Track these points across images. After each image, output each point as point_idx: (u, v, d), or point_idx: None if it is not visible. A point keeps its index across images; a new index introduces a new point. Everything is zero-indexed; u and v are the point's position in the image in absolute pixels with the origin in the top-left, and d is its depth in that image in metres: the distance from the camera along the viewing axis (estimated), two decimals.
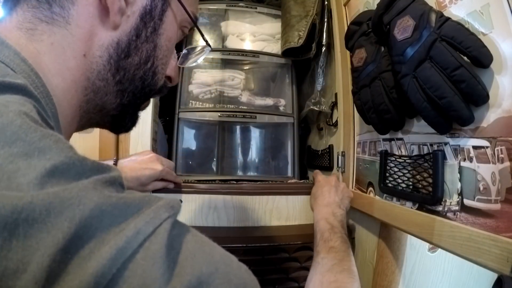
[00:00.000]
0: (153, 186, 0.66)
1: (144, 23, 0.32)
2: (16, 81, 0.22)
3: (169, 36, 0.36)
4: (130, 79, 0.33)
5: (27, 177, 0.17)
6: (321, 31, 0.88)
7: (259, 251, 0.66)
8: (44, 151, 0.19)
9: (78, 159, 0.20)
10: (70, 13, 0.29)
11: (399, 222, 0.53)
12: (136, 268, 0.18)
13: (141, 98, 0.36)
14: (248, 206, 0.71)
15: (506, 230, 0.35)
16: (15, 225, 0.16)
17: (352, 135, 0.72)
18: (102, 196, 0.19)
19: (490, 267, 0.36)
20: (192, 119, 0.95)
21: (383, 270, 0.62)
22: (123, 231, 0.18)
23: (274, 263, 0.71)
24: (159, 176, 0.64)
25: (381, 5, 0.50)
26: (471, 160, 0.41)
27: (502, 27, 0.37)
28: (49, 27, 0.28)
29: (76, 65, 0.29)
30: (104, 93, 0.32)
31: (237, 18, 1.02)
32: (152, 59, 0.34)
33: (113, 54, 0.31)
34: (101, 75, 0.31)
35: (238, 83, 0.98)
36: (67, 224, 0.17)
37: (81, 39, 0.29)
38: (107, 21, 0.30)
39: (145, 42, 0.33)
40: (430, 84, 0.41)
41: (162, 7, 0.34)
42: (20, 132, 0.19)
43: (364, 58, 0.58)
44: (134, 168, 0.62)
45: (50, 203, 0.17)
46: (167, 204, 0.22)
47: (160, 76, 0.37)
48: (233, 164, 1.02)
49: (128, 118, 0.37)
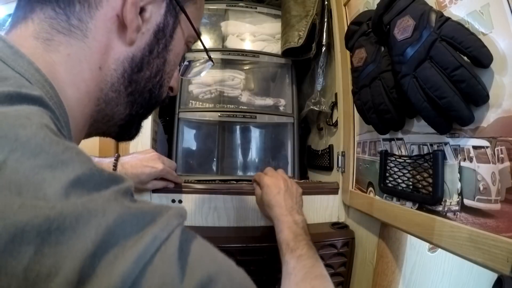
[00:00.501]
0: (153, 185, 0.66)
1: (157, 40, 0.34)
2: (33, 93, 0.23)
3: (177, 51, 0.38)
4: (140, 91, 0.35)
5: (53, 188, 0.19)
6: (321, 31, 0.88)
7: (259, 251, 0.66)
8: (67, 163, 0.20)
9: (97, 170, 0.22)
10: (88, 27, 0.30)
11: (399, 222, 0.53)
12: (155, 270, 0.20)
13: (147, 108, 0.38)
14: (248, 206, 0.70)
15: (506, 230, 0.35)
16: (48, 233, 0.17)
17: (352, 135, 0.72)
18: (123, 206, 0.21)
19: (490, 267, 0.36)
20: (192, 119, 0.95)
21: (383, 270, 0.62)
22: (142, 237, 0.20)
23: (274, 263, 0.71)
24: (159, 175, 0.64)
25: (381, 5, 0.50)
26: (471, 160, 0.41)
27: (502, 27, 0.37)
28: (66, 39, 0.29)
29: (91, 77, 0.30)
30: (115, 104, 0.34)
31: (237, 18, 1.02)
32: (161, 73, 0.37)
33: (127, 68, 0.33)
34: (114, 87, 0.33)
35: (238, 83, 0.98)
36: (94, 232, 0.19)
37: (97, 52, 0.30)
38: (123, 36, 0.32)
39: (156, 57, 0.35)
40: (430, 84, 0.41)
41: (173, 24, 0.36)
42: (44, 145, 0.20)
43: (364, 58, 0.58)
44: (135, 165, 0.62)
45: (79, 214, 0.19)
46: (177, 212, 0.24)
47: (165, 88, 0.39)
48: (233, 164, 1.02)
49: (134, 127, 0.39)
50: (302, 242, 0.50)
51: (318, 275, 0.45)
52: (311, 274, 0.45)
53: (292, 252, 0.49)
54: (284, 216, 0.56)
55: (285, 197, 0.59)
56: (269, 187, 0.61)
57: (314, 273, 0.45)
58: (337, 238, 0.70)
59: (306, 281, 0.44)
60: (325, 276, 0.45)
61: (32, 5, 0.29)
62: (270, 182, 0.62)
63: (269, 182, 0.62)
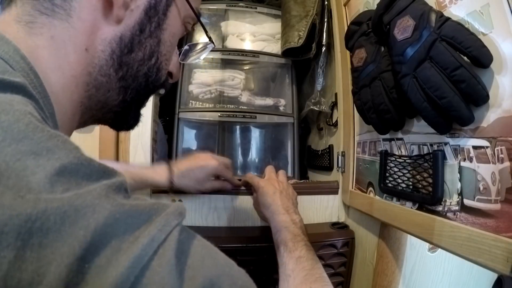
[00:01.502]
0: (211, 185, 0.65)
1: (148, 18, 0.32)
2: (15, 80, 0.21)
3: (172, 31, 0.35)
4: (133, 76, 0.33)
5: (37, 176, 0.17)
6: (321, 31, 0.88)
7: (259, 251, 0.66)
8: (53, 151, 0.18)
9: (85, 159, 0.20)
10: (72, 5, 0.28)
11: (399, 222, 0.53)
12: (153, 275, 0.18)
13: (144, 95, 0.36)
14: (248, 206, 0.70)
15: (506, 230, 0.35)
16: (29, 234, 0.15)
17: (352, 135, 0.72)
18: (115, 204, 0.19)
19: (490, 267, 0.36)
20: (192, 119, 0.95)
21: (383, 270, 0.62)
22: (138, 239, 0.18)
23: (274, 263, 0.71)
24: (216, 171, 0.64)
25: (381, 5, 0.50)
26: (471, 160, 0.41)
27: (502, 27, 0.37)
28: (49, 20, 0.27)
29: (77, 59, 0.28)
30: (107, 89, 0.31)
31: (237, 18, 1.02)
32: (156, 55, 0.34)
33: (116, 49, 0.30)
34: (103, 71, 0.30)
35: (238, 83, 0.98)
36: (82, 233, 0.17)
37: (83, 33, 0.28)
38: (110, 14, 0.29)
39: (149, 37, 0.32)
40: (430, 84, 0.41)
41: (166, 1, 0.33)
42: (28, 130, 0.18)
43: (364, 58, 0.58)
44: (190, 164, 0.62)
45: (64, 212, 0.17)
46: (175, 211, 0.22)
47: (164, 72, 0.36)
48: (233, 164, 1.02)
49: (131, 115, 0.37)
50: (301, 242, 0.49)
51: (318, 278, 0.44)
52: (311, 276, 0.44)
53: (290, 253, 0.47)
54: (281, 215, 0.54)
55: (281, 196, 0.58)
56: (264, 188, 0.60)
57: (314, 275, 0.44)
58: (337, 238, 0.70)
59: (305, 284, 0.43)
60: (325, 278, 0.44)
61: None
62: (264, 184, 0.61)
63: (263, 183, 0.61)
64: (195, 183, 0.62)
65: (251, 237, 0.67)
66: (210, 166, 0.62)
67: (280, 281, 0.46)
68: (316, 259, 0.47)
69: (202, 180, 0.63)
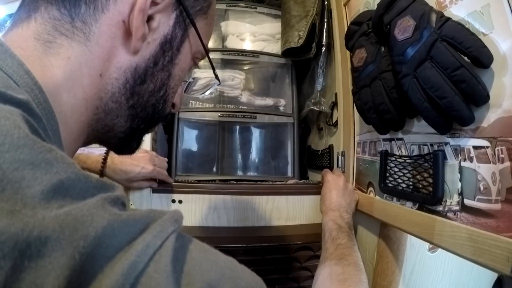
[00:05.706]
0: (139, 184, 0.65)
1: (163, 52, 0.33)
2: (19, 96, 0.21)
3: (183, 66, 0.36)
4: (143, 105, 0.33)
5: (32, 190, 0.16)
6: (321, 31, 0.88)
7: (259, 251, 0.66)
8: (51, 164, 0.18)
9: (83, 175, 0.20)
10: (92, 30, 0.28)
11: (399, 222, 0.53)
12: (149, 282, 0.18)
13: (149, 124, 0.36)
14: (248, 206, 0.70)
15: (506, 230, 0.35)
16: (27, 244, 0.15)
17: (352, 135, 0.72)
18: (112, 213, 0.19)
19: (490, 267, 0.36)
20: (192, 119, 0.95)
21: (383, 270, 0.62)
22: (133, 246, 0.18)
23: (274, 263, 0.71)
24: (149, 175, 0.64)
25: (382, 5, 0.50)
26: (472, 160, 0.41)
27: (503, 27, 0.37)
28: (68, 41, 0.28)
29: (91, 83, 0.29)
30: (116, 115, 0.32)
31: (237, 18, 1.02)
32: (165, 88, 0.35)
33: (129, 78, 0.31)
34: (115, 98, 0.31)
35: (238, 83, 0.98)
36: (82, 243, 0.17)
37: (99, 58, 0.29)
38: (128, 44, 0.30)
39: (161, 70, 0.33)
40: (430, 84, 0.41)
41: (181, 37, 0.34)
42: (27, 139, 0.18)
43: (364, 58, 0.58)
44: (125, 162, 0.62)
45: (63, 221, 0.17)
46: (171, 217, 0.22)
47: (169, 104, 0.37)
48: (233, 164, 1.02)
49: (135, 141, 0.38)
50: (344, 233, 0.55)
51: (352, 263, 0.49)
52: (346, 261, 0.49)
53: (333, 240, 0.54)
54: (331, 211, 0.61)
55: (338, 195, 0.64)
56: (328, 183, 0.68)
57: (349, 260, 0.49)
58: None
59: (339, 266, 0.48)
60: (359, 265, 0.49)
61: (37, 4, 0.28)
62: (331, 178, 0.68)
63: (330, 178, 0.69)
64: (123, 181, 0.62)
65: (251, 237, 0.68)
66: (144, 171, 0.63)
67: (319, 263, 0.53)
68: (355, 248, 0.54)
69: (133, 180, 0.63)
